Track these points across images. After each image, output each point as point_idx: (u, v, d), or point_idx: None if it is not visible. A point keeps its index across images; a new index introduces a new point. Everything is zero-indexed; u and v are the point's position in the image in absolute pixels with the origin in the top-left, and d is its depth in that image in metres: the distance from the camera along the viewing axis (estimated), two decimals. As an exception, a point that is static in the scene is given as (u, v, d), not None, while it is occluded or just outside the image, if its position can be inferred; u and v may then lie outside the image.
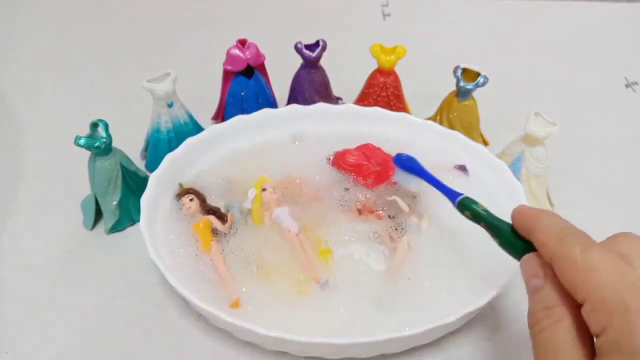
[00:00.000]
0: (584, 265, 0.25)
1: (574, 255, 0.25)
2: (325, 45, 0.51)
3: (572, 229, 0.28)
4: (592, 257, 0.25)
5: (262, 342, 0.36)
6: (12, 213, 0.48)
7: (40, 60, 0.68)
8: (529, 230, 0.29)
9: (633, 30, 0.76)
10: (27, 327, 0.39)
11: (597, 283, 0.24)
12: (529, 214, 0.30)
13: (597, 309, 0.24)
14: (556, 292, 0.26)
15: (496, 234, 0.32)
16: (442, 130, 0.48)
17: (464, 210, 0.35)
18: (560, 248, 0.26)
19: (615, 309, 0.23)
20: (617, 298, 0.23)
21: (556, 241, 0.27)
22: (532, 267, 0.28)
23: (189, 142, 0.46)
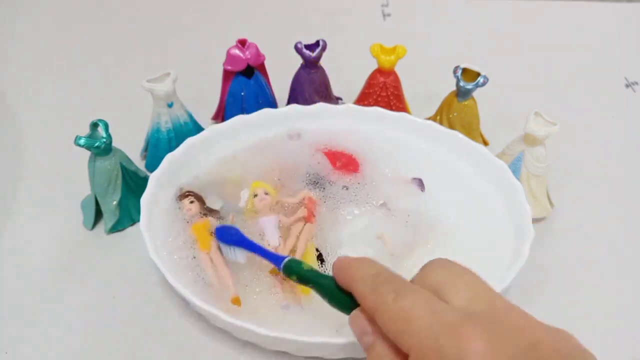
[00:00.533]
0: (399, 315, 0.25)
1: (388, 305, 0.25)
2: (325, 45, 0.51)
3: (385, 275, 0.27)
4: (404, 304, 0.25)
5: (262, 342, 0.36)
6: (12, 213, 0.48)
7: (40, 60, 0.68)
8: (348, 282, 0.28)
9: (633, 30, 0.76)
10: (27, 327, 0.39)
11: (414, 331, 0.24)
12: (345, 264, 0.29)
13: (419, 359, 0.23)
14: (387, 346, 0.26)
15: (323, 292, 0.31)
16: (442, 130, 0.48)
17: (291, 275, 0.33)
18: (375, 300, 0.26)
19: (435, 356, 0.23)
20: (433, 344, 0.23)
21: (371, 292, 0.26)
22: (360, 325, 0.27)
23: (189, 142, 0.46)
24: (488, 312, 0.24)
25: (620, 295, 0.43)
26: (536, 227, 0.40)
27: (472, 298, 0.25)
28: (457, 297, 0.25)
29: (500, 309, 0.25)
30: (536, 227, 0.40)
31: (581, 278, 0.44)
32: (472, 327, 0.23)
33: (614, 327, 0.40)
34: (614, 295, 0.43)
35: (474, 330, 0.23)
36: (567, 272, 0.44)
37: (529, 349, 0.22)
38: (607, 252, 0.46)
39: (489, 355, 0.22)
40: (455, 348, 0.22)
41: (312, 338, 0.33)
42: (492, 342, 0.22)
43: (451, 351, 0.22)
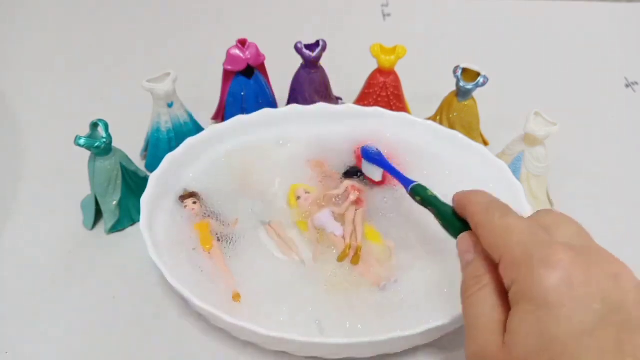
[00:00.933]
0: (500, 228, 0.27)
1: (493, 220, 0.28)
2: (325, 45, 0.51)
3: (496, 202, 0.30)
4: (508, 221, 0.27)
5: (262, 342, 0.36)
6: (12, 213, 0.47)
7: (40, 60, 0.68)
8: (463, 206, 0.31)
9: (633, 30, 0.76)
10: (27, 327, 0.39)
11: (510, 242, 0.26)
12: (465, 194, 0.32)
13: (508, 265, 0.26)
14: (484, 263, 0.28)
15: (440, 216, 0.34)
16: (442, 130, 0.48)
17: (415, 196, 0.38)
18: (483, 216, 0.29)
19: (522, 262, 0.25)
20: (524, 253, 0.25)
21: (481, 211, 0.29)
22: (465, 244, 0.30)
23: (189, 142, 0.46)
24: (583, 246, 0.26)
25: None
26: (536, 227, 0.40)
27: (572, 236, 0.27)
28: (560, 233, 0.27)
29: (596, 248, 0.27)
30: (536, 227, 0.40)
31: (581, 278, 0.44)
32: (563, 246, 0.25)
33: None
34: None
35: (564, 248, 0.25)
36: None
37: (612, 278, 0.24)
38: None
39: (573, 267, 0.24)
40: (543, 255, 0.24)
41: (312, 338, 0.33)
42: (579, 260, 0.24)
43: (539, 257, 0.24)
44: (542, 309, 0.23)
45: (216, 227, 0.42)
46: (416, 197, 0.38)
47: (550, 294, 0.23)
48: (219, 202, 0.44)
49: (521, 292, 0.24)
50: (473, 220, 0.30)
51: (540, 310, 0.23)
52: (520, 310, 0.24)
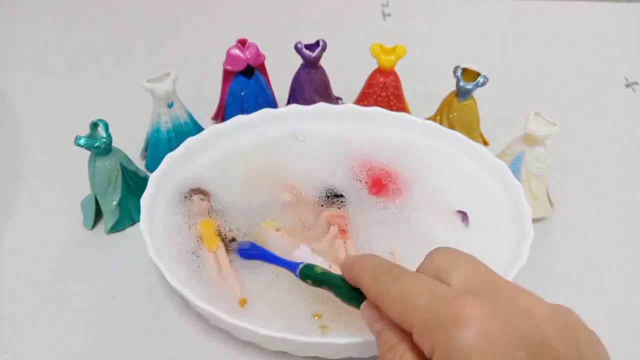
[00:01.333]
0: (398, 296, 0.26)
1: (388, 289, 0.27)
2: (325, 45, 0.51)
3: (385, 265, 0.29)
4: (402, 286, 0.26)
5: (262, 342, 0.36)
6: (12, 213, 0.47)
7: (40, 60, 0.68)
8: (355, 277, 0.30)
9: (633, 30, 0.76)
10: (27, 327, 0.39)
11: (413, 308, 0.25)
12: (351, 261, 0.30)
13: (422, 334, 0.24)
14: (394, 333, 0.27)
15: (336, 292, 0.32)
16: (442, 130, 0.48)
17: (306, 279, 0.34)
18: (377, 288, 0.27)
19: (434, 327, 0.24)
20: (432, 318, 0.24)
21: (373, 281, 0.28)
22: (369, 314, 0.29)
23: (189, 142, 0.46)
24: (485, 286, 0.25)
25: (620, 295, 0.43)
26: (536, 227, 0.40)
27: (470, 277, 0.26)
28: (457, 278, 0.26)
29: (498, 284, 0.26)
30: (536, 227, 0.40)
31: (581, 278, 0.44)
32: (467, 297, 0.24)
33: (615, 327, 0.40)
34: (614, 295, 0.43)
35: (469, 299, 0.24)
36: (567, 272, 0.44)
37: (525, 316, 0.23)
38: (607, 252, 0.46)
39: (484, 319, 0.23)
40: (452, 316, 0.23)
41: (311, 338, 0.34)
42: (487, 308, 0.23)
43: (449, 319, 0.23)
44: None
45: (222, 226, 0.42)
46: (307, 280, 0.34)
47: (473, 355, 0.22)
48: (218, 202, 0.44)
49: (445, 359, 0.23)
50: (369, 292, 0.28)
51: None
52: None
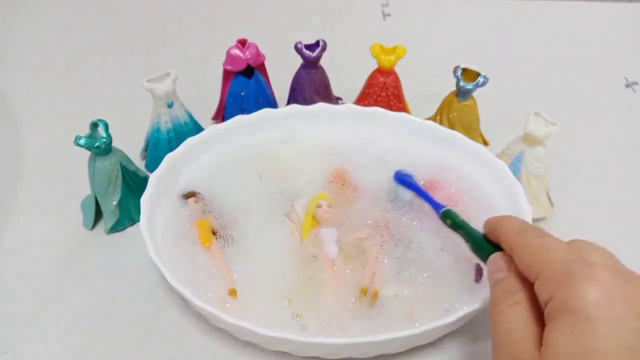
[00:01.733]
0: (538, 247, 0.28)
1: (530, 240, 0.28)
2: (325, 45, 0.51)
3: (531, 225, 0.31)
4: (545, 241, 0.28)
5: (262, 342, 0.36)
6: (12, 213, 0.48)
7: (40, 60, 0.68)
8: (496, 230, 0.32)
9: (633, 30, 0.76)
10: (27, 327, 0.39)
11: (548, 260, 0.27)
12: (498, 218, 0.33)
13: (547, 281, 0.26)
14: (517, 281, 0.28)
15: (470, 238, 0.35)
16: (442, 130, 0.48)
17: (446, 219, 0.39)
18: (519, 238, 0.29)
19: (563, 277, 0.25)
20: (563, 269, 0.26)
21: (517, 233, 0.30)
22: (497, 263, 0.30)
23: (189, 142, 0.46)
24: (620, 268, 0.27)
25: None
26: (536, 227, 0.40)
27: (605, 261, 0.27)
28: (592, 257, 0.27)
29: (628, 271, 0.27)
30: (536, 227, 0.40)
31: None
32: (602, 267, 0.25)
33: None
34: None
35: (602, 267, 0.25)
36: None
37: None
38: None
39: (612, 285, 0.24)
40: (584, 273, 0.25)
41: (312, 338, 0.33)
42: (618, 280, 0.25)
43: (580, 274, 0.25)
44: (582, 322, 0.23)
45: (215, 224, 0.42)
46: (446, 220, 0.39)
47: (592, 309, 0.23)
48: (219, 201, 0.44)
49: (560, 306, 0.24)
50: (508, 241, 0.30)
51: (580, 323, 0.23)
52: (559, 323, 0.24)
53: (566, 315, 0.24)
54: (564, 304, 0.24)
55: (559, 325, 0.24)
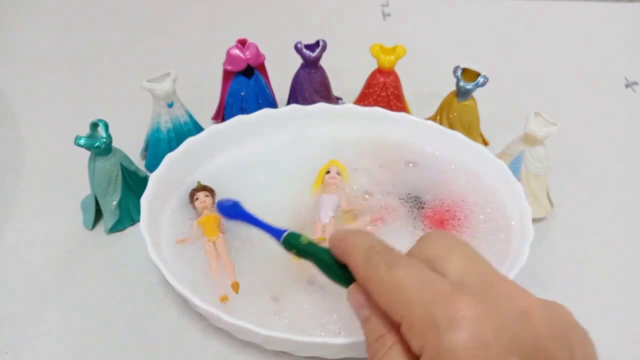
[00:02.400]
0: (390, 285, 0.25)
1: (380, 275, 0.25)
2: (325, 45, 0.51)
3: (379, 247, 0.27)
4: (396, 274, 0.25)
5: (262, 342, 0.36)
6: (12, 213, 0.47)
7: (40, 60, 0.68)
8: (343, 254, 0.28)
9: (633, 30, 0.76)
10: (27, 327, 0.39)
11: (405, 300, 0.24)
12: (342, 236, 0.29)
13: (411, 328, 0.23)
14: (383, 321, 0.26)
15: (321, 266, 0.31)
16: (442, 130, 0.48)
17: (290, 249, 0.33)
18: (368, 271, 0.26)
19: (426, 327, 0.23)
20: (424, 315, 0.23)
21: (364, 263, 0.26)
22: (357, 299, 0.27)
23: (189, 142, 0.46)
24: (481, 283, 0.24)
25: (620, 295, 0.43)
26: (536, 227, 0.40)
27: (466, 269, 0.25)
28: (451, 268, 0.25)
29: (494, 280, 0.25)
30: (536, 227, 0.40)
31: (581, 278, 0.44)
32: (463, 296, 0.23)
33: (614, 327, 0.40)
34: (614, 295, 0.43)
35: (464, 299, 0.23)
36: (567, 272, 0.44)
37: (520, 317, 0.23)
38: (607, 252, 0.46)
39: (480, 322, 0.22)
40: (446, 316, 0.22)
41: (312, 338, 0.33)
42: (482, 309, 0.22)
43: (442, 318, 0.22)
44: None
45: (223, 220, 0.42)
46: (291, 249, 0.33)
47: (466, 357, 0.21)
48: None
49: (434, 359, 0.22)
50: (358, 273, 0.27)
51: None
52: None
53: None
54: (437, 357, 0.22)
55: None
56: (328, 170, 0.45)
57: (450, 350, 0.22)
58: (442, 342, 0.22)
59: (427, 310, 0.23)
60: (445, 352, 0.22)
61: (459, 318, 0.22)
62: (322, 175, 0.45)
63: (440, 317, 0.22)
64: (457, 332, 0.22)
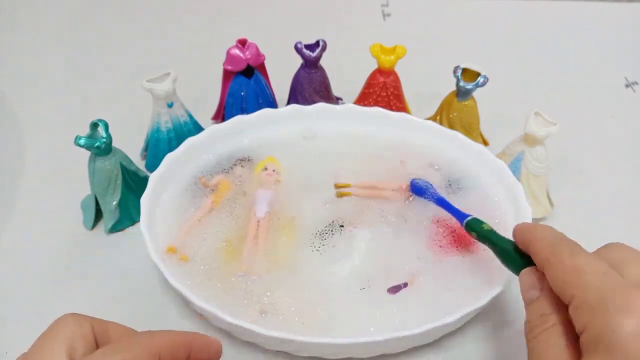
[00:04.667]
0: (571, 268, 0.26)
1: (563, 259, 0.27)
2: (325, 45, 0.51)
3: (564, 238, 0.29)
4: (578, 261, 0.26)
5: (262, 342, 0.36)
6: (12, 213, 0.47)
7: (40, 60, 0.68)
8: (527, 242, 0.31)
9: (633, 30, 0.76)
10: (27, 327, 0.39)
11: (582, 283, 0.25)
12: (527, 228, 0.31)
13: (579, 308, 0.25)
14: (551, 302, 0.27)
15: (499, 251, 0.34)
16: (442, 130, 0.48)
17: (470, 231, 0.37)
18: (551, 254, 0.28)
19: (596, 307, 0.24)
20: (598, 297, 0.24)
21: (548, 248, 0.28)
22: (529, 280, 0.29)
23: (189, 142, 0.46)
24: None
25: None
26: (536, 227, 0.40)
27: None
28: (632, 272, 0.26)
29: None
30: (536, 227, 0.40)
31: (581, 278, 0.44)
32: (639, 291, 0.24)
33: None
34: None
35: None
36: (567, 272, 0.44)
37: None
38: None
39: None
40: (620, 301, 0.23)
41: (312, 338, 0.33)
42: None
43: (616, 303, 0.23)
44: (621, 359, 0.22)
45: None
46: (471, 232, 0.37)
47: (630, 344, 0.22)
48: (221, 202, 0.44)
49: (595, 340, 0.23)
50: (539, 257, 0.29)
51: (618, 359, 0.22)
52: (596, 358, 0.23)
53: (601, 351, 0.23)
54: (598, 337, 0.23)
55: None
56: (265, 167, 0.46)
57: (616, 331, 0.22)
58: (609, 322, 0.23)
59: (602, 293, 0.24)
60: (610, 331, 0.23)
61: (632, 305, 0.23)
62: (258, 170, 0.46)
63: (613, 300, 0.23)
64: (627, 316, 0.23)
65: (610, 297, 0.24)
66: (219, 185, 0.45)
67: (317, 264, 0.40)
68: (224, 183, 0.45)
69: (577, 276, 0.26)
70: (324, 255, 0.40)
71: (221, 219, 0.43)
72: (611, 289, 0.24)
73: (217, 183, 0.45)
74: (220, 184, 0.45)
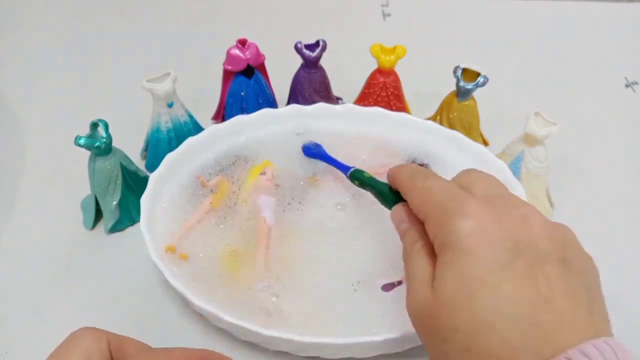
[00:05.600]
0: (422, 190, 0.30)
1: (416, 184, 0.31)
2: (325, 45, 0.51)
3: (421, 169, 0.33)
4: (429, 183, 0.30)
5: (262, 342, 0.36)
6: (12, 213, 0.48)
7: (40, 60, 0.68)
8: (394, 178, 0.34)
9: (633, 30, 0.76)
10: (27, 327, 0.39)
11: (429, 201, 0.29)
12: (395, 169, 0.35)
13: (430, 222, 0.28)
14: (418, 229, 0.30)
15: (377, 192, 0.37)
16: (442, 130, 0.48)
17: (354, 180, 0.40)
18: (409, 181, 0.32)
19: (440, 217, 0.27)
20: (440, 209, 0.28)
21: (407, 177, 0.32)
22: (399, 214, 0.32)
23: (189, 142, 0.46)
24: (496, 195, 0.28)
25: (620, 295, 0.43)
26: (536, 227, 0.40)
27: (486, 189, 0.29)
28: (476, 189, 0.29)
29: (506, 195, 0.29)
30: (536, 227, 0.40)
31: (581, 278, 0.44)
32: (476, 200, 0.27)
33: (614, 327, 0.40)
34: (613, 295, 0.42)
35: (476, 201, 0.27)
36: (567, 272, 0.44)
37: (521, 219, 0.26)
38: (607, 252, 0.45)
39: (484, 215, 0.26)
40: (458, 209, 0.27)
41: (312, 338, 0.33)
42: (489, 209, 0.26)
43: (455, 210, 0.27)
44: (460, 254, 0.25)
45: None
46: (355, 181, 0.40)
47: (466, 240, 0.25)
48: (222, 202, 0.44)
49: (442, 243, 0.27)
50: (402, 188, 0.32)
51: (458, 255, 0.25)
52: (443, 259, 0.26)
53: (447, 250, 0.26)
54: (444, 241, 0.26)
55: (443, 261, 0.26)
56: (263, 172, 0.45)
57: (456, 232, 0.26)
58: (449, 225, 0.26)
59: (445, 205, 0.28)
60: (451, 233, 0.26)
61: (467, 209, 0.26)
62: (254, 175, 0.45)
63: (451, 210, 0.27)
64: (463, 218, 0.26)
65: (450, 206, 0.27)
66: (219, 186, 0.45)
67: (317, 264, 0.40)
68: (223, 184, 0.45)
69: (428, 196, 0.29)
70: (324, 255, 0.40)
71: (221, 220, 0.42)
72: (452, 200, 0.28)
73: (217, 184, 0.45)
74: (219, 184, 0.45)
